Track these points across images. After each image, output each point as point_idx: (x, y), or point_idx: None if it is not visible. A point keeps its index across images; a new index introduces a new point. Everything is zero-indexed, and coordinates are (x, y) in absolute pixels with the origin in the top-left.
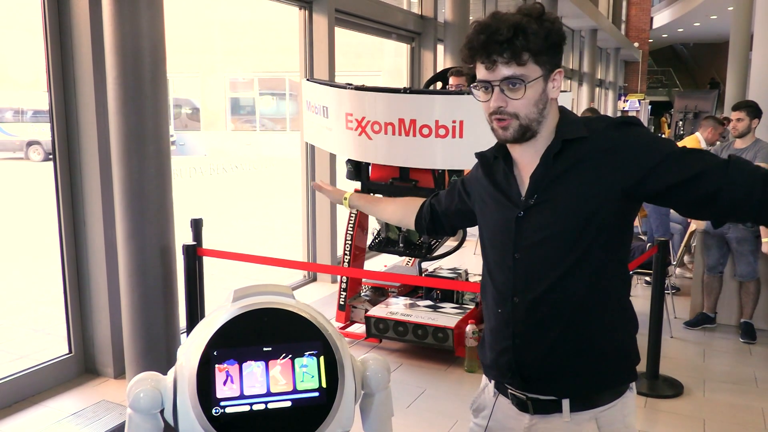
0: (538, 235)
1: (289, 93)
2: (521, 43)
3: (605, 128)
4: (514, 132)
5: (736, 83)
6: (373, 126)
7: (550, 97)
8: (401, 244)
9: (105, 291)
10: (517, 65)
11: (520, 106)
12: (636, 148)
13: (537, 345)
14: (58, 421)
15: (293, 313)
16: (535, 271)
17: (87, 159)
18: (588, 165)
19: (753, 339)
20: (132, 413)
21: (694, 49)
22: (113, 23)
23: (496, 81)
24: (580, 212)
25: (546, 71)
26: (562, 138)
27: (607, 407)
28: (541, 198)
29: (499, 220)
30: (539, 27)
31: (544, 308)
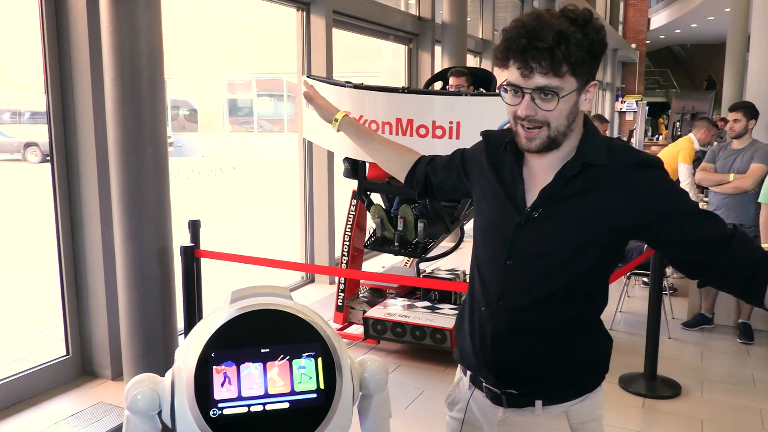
0: (534, 248)
1: (287, 94)
2: (562, 54)
3: (628, 165)
4: (540, 143)
5: (733, 84)
6: (371, 125)
7: (580, 109)
8: (396, 243)
9: (102, 292)
10: (555, 76)
11: (551, 116)
12: (654, 194)
13: (514, 351)
14: (55, 423)
15: (291, 314)
16: (524, 282)
17: (84, 160)
18: (601, 195)
19: (751, 339)
20: (130, 415)
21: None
22: (111, 24)
23: (528, 88)
24: (579, 238)
25: (581, 83)
26: (582, 160)
27: (578, 401)
28: (545, 213)
29: (497, 219)
30: (583, 37)
31: (526, 318)
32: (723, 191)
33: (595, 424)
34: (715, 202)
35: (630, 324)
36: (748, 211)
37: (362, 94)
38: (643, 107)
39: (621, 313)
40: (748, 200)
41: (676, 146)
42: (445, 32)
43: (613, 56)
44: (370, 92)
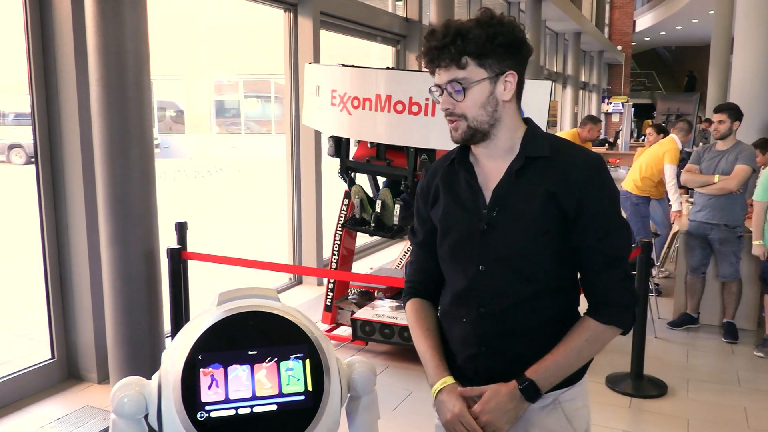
0: (502, 248)
1: (274, 96)
2: (459, 47)
3: (570, 157)
4: (462, 133)
5: (718, 86)
6: (353, 101)
7: (501, 99)
8: (372, 224)
9: (88, 295)
10: (457, 68)
11: (465, 108)
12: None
13: (505, 352)
14: (41, 427)
15: (279, 316)
16: (502, 285)
17: (70, 162)
18: (546, 184)
19: (735, 339)
20: (116, 419)
21: (676, 52)
22: (96, 25)
23: (441, 84)
24: (536, 230)
25: (493, 73)
26: (525, 155)
27: (567, 389)
28: (502, 212)
29: (462, 231)
30: (482, 30)
31: (512, 320)
32: (708, 192)
33: (585, 410)
34: (701, 202)
35: None
36: (733, 212)
37: (347, 71)
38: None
39: None
40: (733, 201)
41: (661, 147)
42: None
43: (599, 58)
44: (353, 69)
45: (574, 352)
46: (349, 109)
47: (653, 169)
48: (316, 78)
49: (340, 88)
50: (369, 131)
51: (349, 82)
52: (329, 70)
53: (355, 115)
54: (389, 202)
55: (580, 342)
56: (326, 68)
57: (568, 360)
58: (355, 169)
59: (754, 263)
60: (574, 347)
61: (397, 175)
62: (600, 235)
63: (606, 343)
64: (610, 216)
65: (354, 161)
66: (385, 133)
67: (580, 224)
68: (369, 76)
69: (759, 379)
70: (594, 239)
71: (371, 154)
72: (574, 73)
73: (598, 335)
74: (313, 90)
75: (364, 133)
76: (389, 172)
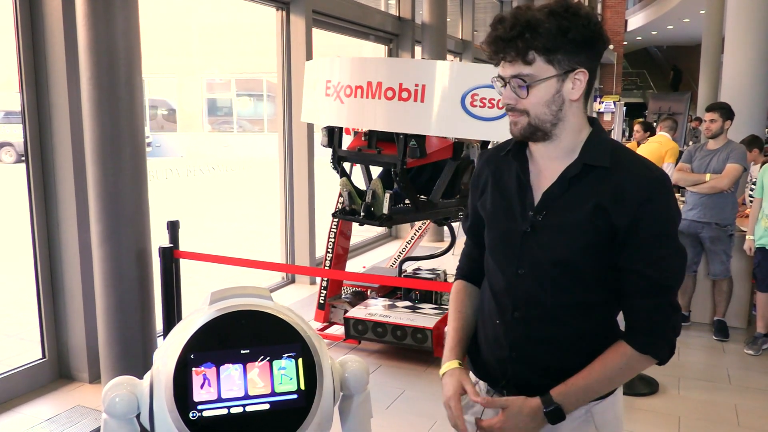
0: (542, 254)
1: (266, 94)
2: (527, 42)
3: (631, 172)
4: (522, 129)
5: (709, 85)
6: (345, 90)
7: (568, 98)
8: (362, 213)
9: (80, 294)
10: (523, 64)
11: (528, 105)
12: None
13: (534, 361)
14: (32, 427)
15: (271, 315)
16: (538, 291)
17: (60, 161)
18: (600, 197)
19: (726, 336)
20: (108, 418)
21: (667, 52)
22: (87, 22)
23: (505, 78)
24: (579, 242)
25: (562, 70)
26: (583, 162)
27: (601, 401)
28: (548, 217)
29: (504, 229)
30: (554, 23)
31: (544, 328)
32: (699, 191)
33: (617, 423)
34: (692, 201)
35: None
36: (724, 211)
37: (339, 60)
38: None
39: None
40: (724, 199)
41: (661, 146)
42: (425, 32)
43: None
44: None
45: (605, 377)
46: (342, 98)
47: None
48: (314, 72)
49: (334, 78)
50: (360, 119)
51: (342, 71)
52: (324, 62)
53: (347, 104)
54: (380, 191)
55: (614, 368)
56: (322, 61)
57: (599, 385)
58: (347, 159)
59: (745, 261)
60: (607, 373)
61: (387, 163)
62: (651, 260)
63: (640, 371)
64: (666, 241)
65: (346, 151)
66: (376, 119)
67: (631, 245)
68: (360, 63)
69: (749, 377)
70: (643, 263)
71: (363, 145)
72: None
73: (634, 363)
74: (312, 85)
75: (355, 121)
76: (380, 160)
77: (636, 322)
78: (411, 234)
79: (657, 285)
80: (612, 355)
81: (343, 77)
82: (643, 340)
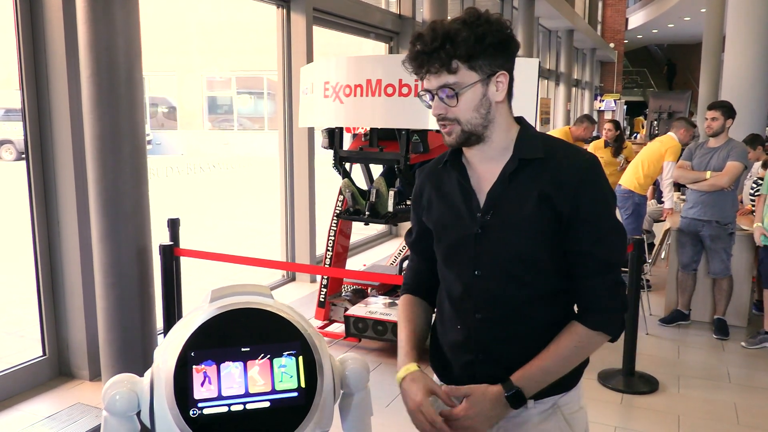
0: (497, 252)
1: (267, 92)
2: (449, 52)
3: (565, 159)
4: (457, 137)
5: (709, 84)
6: (344, 89)
7: (493, 100)
8: (367, 212)
9: (80, 292)
10: (448, 73)
11: (459, 112)
12: (583, 190)
13: (502, 360)
14: (32, 425)
15: (271, 313)
16: (498, 289)
17: (61, 158)
18: (541, 187)
19: (726, 335)
20: (108, 416)
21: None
22: (87, 20)
23: (432, 89)
24: (531, 233)
25: (484, 75)
26: (519, 157)
27: (565, 393)
28: (496, 216)
29: (456, 236)
30: (470, 32)
31: (509, 326)
32: (700, 189)
33: (582, 413)
34: (692, 199)
35: None
36: (724, 208)
37: (337, 60)
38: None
39: None
40: (724, 197)
41: (663, 145)
42: None
43: (592, 56)
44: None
45: (561, 358)
46: (341, 98)
47: (655, 167)
48: (310, 76)
49: (333, 78)
50: (361, 117)
51: (340, 71)
52: (321, 64)
53: (347, 103)
54: (383, 190)
55: (569, 348)
56: (318, 63)
57: (556, 366)
58: (349, 158)
59: (745, 260)
60: (562, 353)
61: (390, 160)
62: (593, 239)
63: (594, 350)
64: (605, 219)
65: (348, 151)
66: (377, 117)
67: (575, 227)
68: (359, 62)
69: (749, 375)
70: (587, 243)
71: (365, 144)
72: (567, 71)
73: (587, 341)
74: (307, 89)
75: (356, 120)
76: (382, 158)
77: (587, 302)
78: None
79: (603, 263)
80: (566, 336)
81: (341, 77)
82: (595, 317)
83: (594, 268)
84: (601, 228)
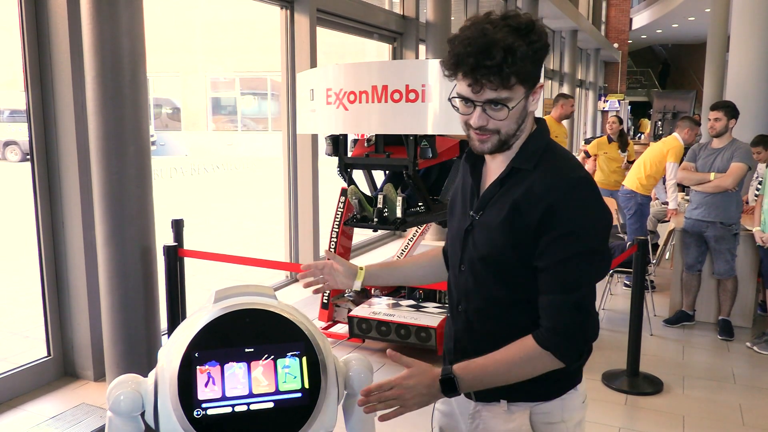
0: (476, 251)
1: (270, 93)
2: (510, 68)
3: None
4: (492, 146)
5: (714, 84)
6: (349, 96)
7: (529, 110)
8: (375, 219)
9: (84, 293)
10: (504, 89)
11: (501, 124)
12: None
13: (470, 354)
14: (36, 425)
15: (275, 313)
16: (476, 287)
17: (65, 159)
18: (520, 197)
19: (731, 336)
20: (112, 416)
21: (672, 51)
22: (92, 21)
23: (479, 101)
24: (502, 240)
25: (528, 89)
26: (513, 165)
27: (541, 402)
28: (483, 216)
29: (456, 227)
30: (528, 47)
31: (482, 323)
32: (704, 190)
33: (563, 426)
34: (696, 200)
35: (612, 321)
36: (728, 210)
37: (342, 67)
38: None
39: (604, 310)
40: (728, 198)
41: (665, 146)
42: (429, 31)
43: (596, 56)
44: (349, 64)
45: (504, 365)
46: (345, 104)
47: (658, 167)
48: (310, 83)
49: (335, 85)
50: (367, 124)
51: (343, 78)
52: (322, 71)
53: (352, 110)
54: (392, 196)
55: (514, 357)
56: (319, 70)
57: (496, 370)
58: (355, 165)
59: (750, 260)
60: (506, 359)
61: (397, 166)
62: (557, 258)
63: (542, 369)
64: (575, 241)
65: (353, 157)
66: (384, 123)
67: (541, 242)
68: (363, 69)
69: (754, 376)
70: (549, 259)
71: (370, 150)
72: (571, 71)
73: (534, 357)
74: (307, 95)
75: (362, 127)
76: (390, 164)
77: (542, 318)
78: (412, 232)
79: (560, 283)
80: (516, 344)
81: (345, 84)
82: (545, 335)
83: (551, 286)
84: (568, 248)
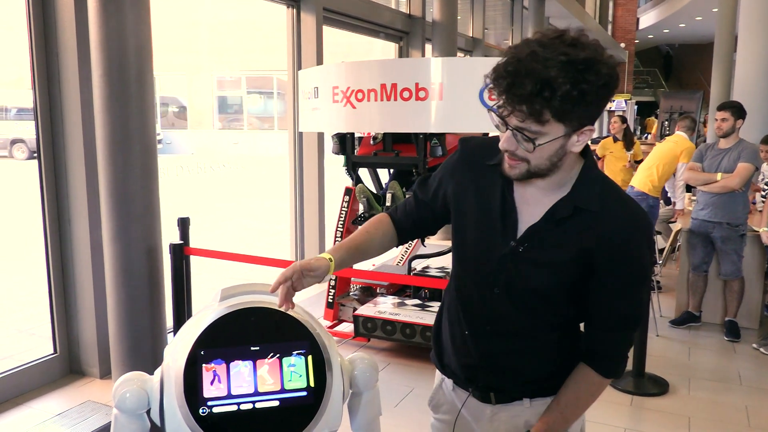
0: (519, 281)
1: (276, 92)
2: (543, 103)
3: (616, 217)
4: (520, 174)
5: (721, 84)
6: (357, 94)
7: (569, 150)
8: None
9: (90, 291)
10: (534, 122)
11: (530, 156)
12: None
13: (504, 370)
14: (42, 422)
15: (281, 312)
16: (513, 312)
17: (72, 157)
18: (587, 243)
19: (737, 337)
20: (118, 413)
21: (679, 50)
22: (99, 20)
23: (510, 126)
24: (561, 279)
25: (571, 129)
26: (574, 204)
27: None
28: (530, 251)
29: (481, 245)
30: (574, 87)
31: (515, 341)
32: (710, 190)
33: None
34: (703, 201)
35: None
36: (735, 210)
37: (348, 65)
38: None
39: None
40: (735, 199)
41: (677, 146)
42: (436, 30)
43: None
44: (356, 62)
45: (579, 406)
46: (353, 102)
47: (670, 168)
48: (313, 81)
49: (342, 83)
50: (375, 122)
51: (351, 76)
52: (328, 69)
53: (360, 108)
54: (399, 194)
55: (587, 396)
56: (324, 68)
57: (573, 414)
58: (362, 164)
59: (757, 261)
60: (582, 403)
61: (407, 165)
62: (627, 296)
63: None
64: (641, 277)
65: (361, 156)
66: (394, 121)
67: (609, 283)
68: (372, 67)
69: (760, 378)
70: (619, 300)
71: (378, 149)
72: None
73: (600, 387)
74: (310, 93)
75: (370, 125)
76: (399, 163)
77: (603, 350)
78: None
79: (631, 319)
80: (581, 384)
81: (353, 82)
82: (609, 365)
83: (620, 323)
84: (632, 283)
